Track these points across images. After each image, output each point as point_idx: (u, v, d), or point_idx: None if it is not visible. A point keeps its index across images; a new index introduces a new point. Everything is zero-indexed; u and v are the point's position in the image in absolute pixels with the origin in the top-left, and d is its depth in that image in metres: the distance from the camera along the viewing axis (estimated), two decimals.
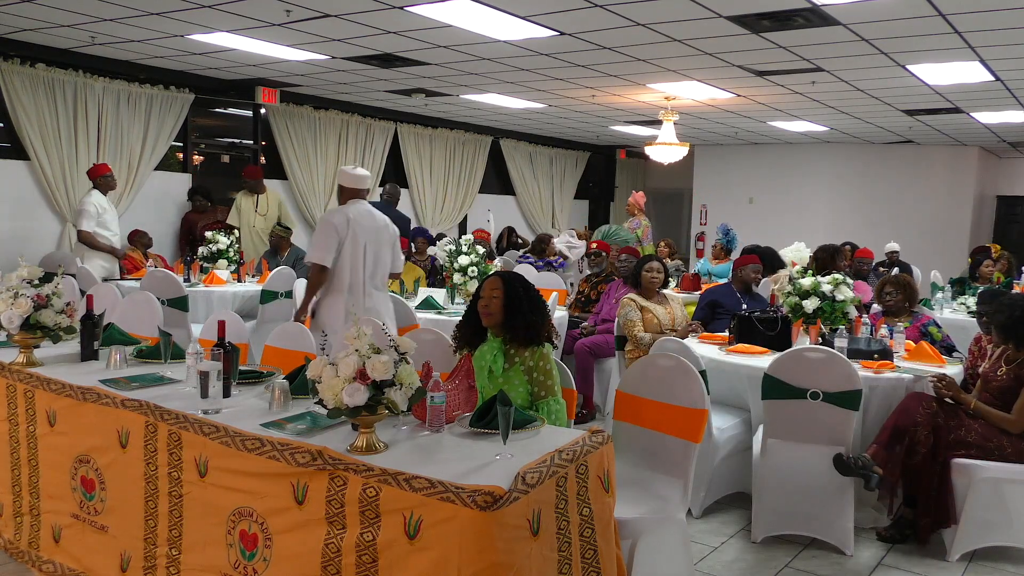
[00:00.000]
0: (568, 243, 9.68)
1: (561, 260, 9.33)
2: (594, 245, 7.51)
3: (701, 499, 4.26)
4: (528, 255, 9.18)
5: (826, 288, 4.66)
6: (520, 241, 11.83)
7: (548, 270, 8.62)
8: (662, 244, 10.16)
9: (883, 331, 4.73)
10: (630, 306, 5.39)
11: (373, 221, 4.99)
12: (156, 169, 8.59)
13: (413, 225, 10.76)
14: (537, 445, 2.60)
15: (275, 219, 8.87)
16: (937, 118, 10.20)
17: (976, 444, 3.80)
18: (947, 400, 3.92)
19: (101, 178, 7.26)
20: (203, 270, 7.38)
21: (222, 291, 6.94)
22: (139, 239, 7.87)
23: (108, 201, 7.32)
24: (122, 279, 7.14)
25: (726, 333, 5.03)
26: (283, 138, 9.80)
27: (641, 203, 9.93)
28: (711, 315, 5.65)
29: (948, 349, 4.86)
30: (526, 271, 8.50)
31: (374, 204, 8.52)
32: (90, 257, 7.17)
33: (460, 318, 3.46)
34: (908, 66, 7.09)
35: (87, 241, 7.12)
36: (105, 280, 7.03)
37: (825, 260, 6.91)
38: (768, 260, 7.09)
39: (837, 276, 4.76)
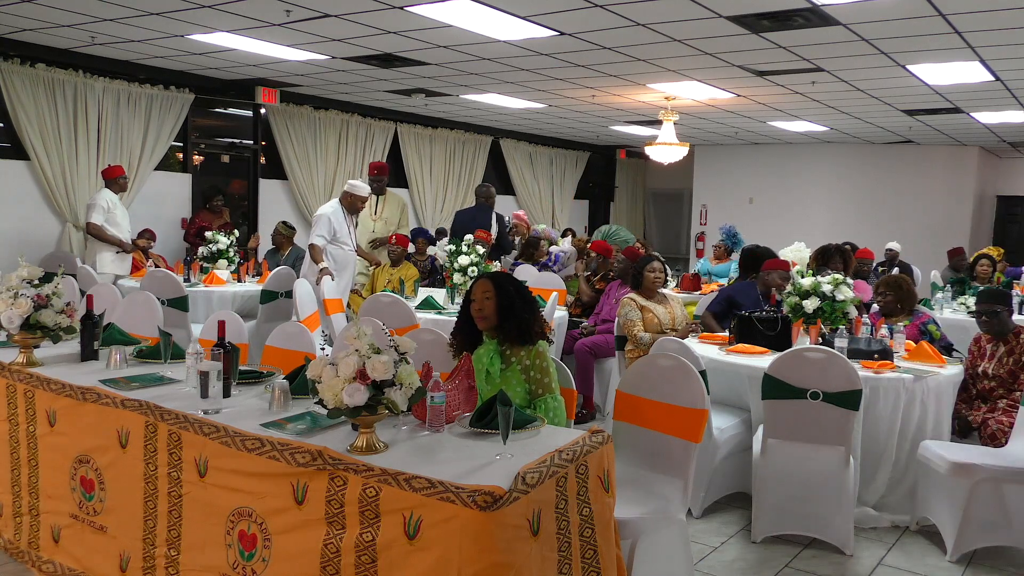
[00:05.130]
0: (562, 250, 9.67)
1: (556, 256, 9.28)
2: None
3: (701, 499, 4.26)
4: (519, 260, 9.00)
5: (826, 288, 4.66)
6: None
7: (545, 270, 8.60)
8: (637, 244, 10.00)
9: (883, 331, 4.73)
10: (630, 306, 5.39)
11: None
12: (156, 169, 8.59)
13: (413, 225, 10.75)
14: (537, 445, 2.60)
15: (395, 226, 8.31)
16: (937, 118, 10.20)
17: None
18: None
19: (114, 180, 7.40)
20: (203, 270, 7.38)
21: (222, 291, 6.94)
22: (144, 238, 7.89)
23: (119, 200, 7.42)
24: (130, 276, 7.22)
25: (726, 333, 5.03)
26: (283, 138, 9.79)
27: (526, 220, 9.96)
28: (727, 311, 5.55)
29: (947, 348, 4.86)
30: (527, 272, 8.49)
31: (472, 207, 8.56)
32: (100, 252, 7.23)
33: (455, 326, 3.43)
34: (908, 66, 7.09)
35: (96, 234, 7.21)
36: (118, 277, 7.09)
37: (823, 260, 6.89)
38: (764, 260, 7.07)
39: (837, 276, 4.76)
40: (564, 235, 11.23)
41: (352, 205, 7.00)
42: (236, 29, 6.49)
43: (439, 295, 6.39)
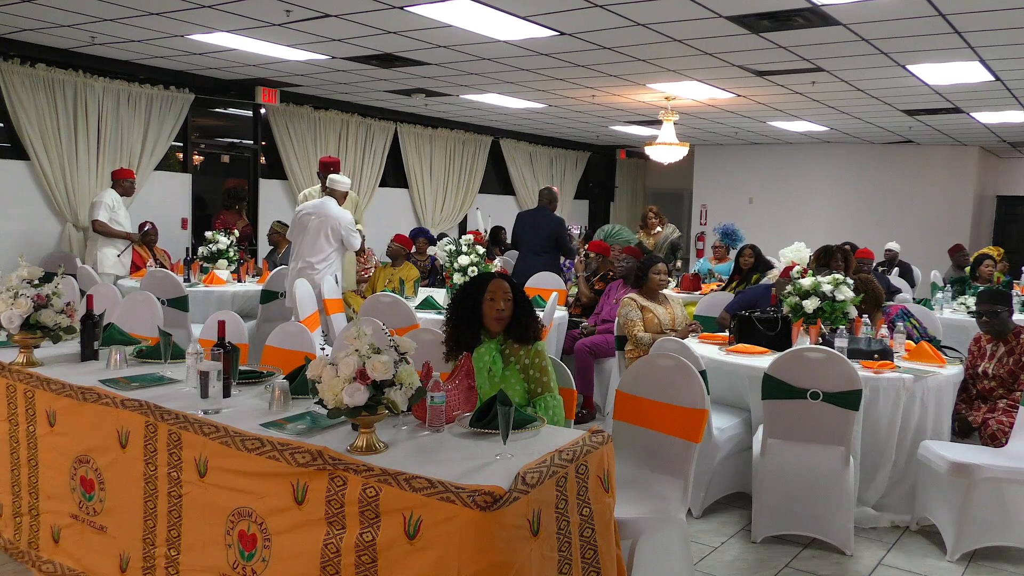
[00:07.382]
0: None
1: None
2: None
3: (701, 499, 4.26)
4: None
5: (826, 288, 4.66)
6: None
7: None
8: (651, 213, 9.79)
9: (883, 331, 4.73)
10: (630, 306, 5.39)
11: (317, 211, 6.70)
12: (156, 169, 8.59)
13: (412, 226, 10.73)
14: (537, 445, 2.60)
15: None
16: (937, 118, 10.20)
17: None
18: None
19: (121, 181, 7.49)
20: (203, 270, 7.39)
21: (222, 291, 6.95)
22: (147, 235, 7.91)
23: (122, 201, 7.50)
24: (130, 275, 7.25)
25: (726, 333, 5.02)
26: (283, 138, 9.79)
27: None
28: None
29: (924, 333, 4.95)
30: None
31: (533, 210, 8.23)
32: (102, 251, 7.26)
33: (450, 324, 3.34)
34: (908, 66, 7.09)
35: (102, 230, 7.27)
36: (118, 278, 7.12)
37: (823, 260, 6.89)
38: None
39: (837, 276, 4.76)
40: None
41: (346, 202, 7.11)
42: (236, 29, 6.49)
43: (439, 295, 6.39)
